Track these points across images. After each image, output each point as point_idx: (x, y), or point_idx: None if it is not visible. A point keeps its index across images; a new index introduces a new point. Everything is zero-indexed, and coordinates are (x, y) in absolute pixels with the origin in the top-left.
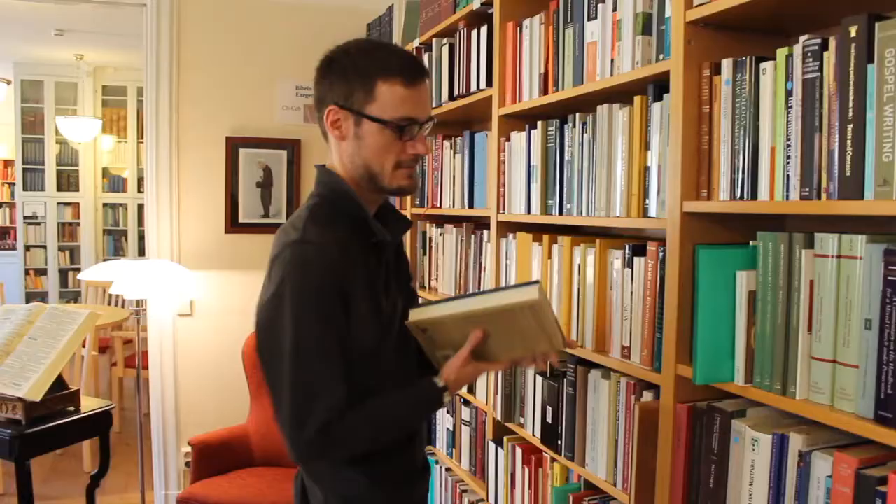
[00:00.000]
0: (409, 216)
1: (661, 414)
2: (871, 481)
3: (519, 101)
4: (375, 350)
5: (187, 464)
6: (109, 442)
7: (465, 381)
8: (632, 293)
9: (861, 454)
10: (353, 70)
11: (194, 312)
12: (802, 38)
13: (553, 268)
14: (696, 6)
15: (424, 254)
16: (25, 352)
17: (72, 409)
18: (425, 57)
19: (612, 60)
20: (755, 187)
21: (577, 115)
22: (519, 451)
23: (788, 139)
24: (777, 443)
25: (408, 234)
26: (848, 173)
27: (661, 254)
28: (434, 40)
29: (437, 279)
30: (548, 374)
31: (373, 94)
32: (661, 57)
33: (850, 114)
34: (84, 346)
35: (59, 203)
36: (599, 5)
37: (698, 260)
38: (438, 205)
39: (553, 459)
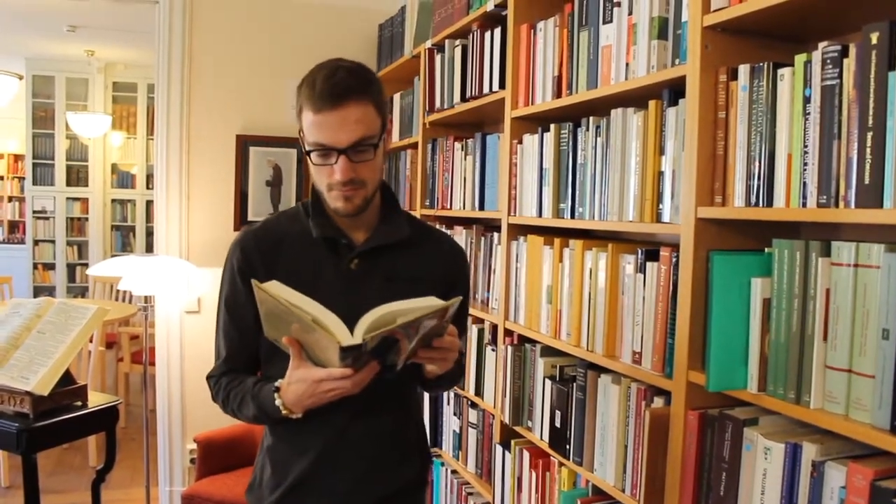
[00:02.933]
0: (419, 216)
1: (671, 420)
2: (887, 493)
3: (532, 104)
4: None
5: (192, 460)
6: (116, 437)
7: (299, 389)
8: (644, 298)
9: (876, 465)
10: (297, 98)
11: (202, 309)
12: (822, 45)
13: (564, 271)
14: (714, 11)
15: None
16: (34, 346)
17: (79, 403)
18: (437, 58)
19: (627, 64)
20: (771, 194)
21: (591, 118)
22: (526, 455)
23: (806, 146)
24: (790, 452)
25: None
26: (867, 181)
27: (674, 259)
28: (447, 41)
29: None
30: (557, 379)
31: (301, 122)
32: (676, 62)
33: (870, 121)
34: (91, 342)
35: (68, 198)
36: (615, 9)
37: (713, 266)
38: (449, 206)
39: (561, 464)
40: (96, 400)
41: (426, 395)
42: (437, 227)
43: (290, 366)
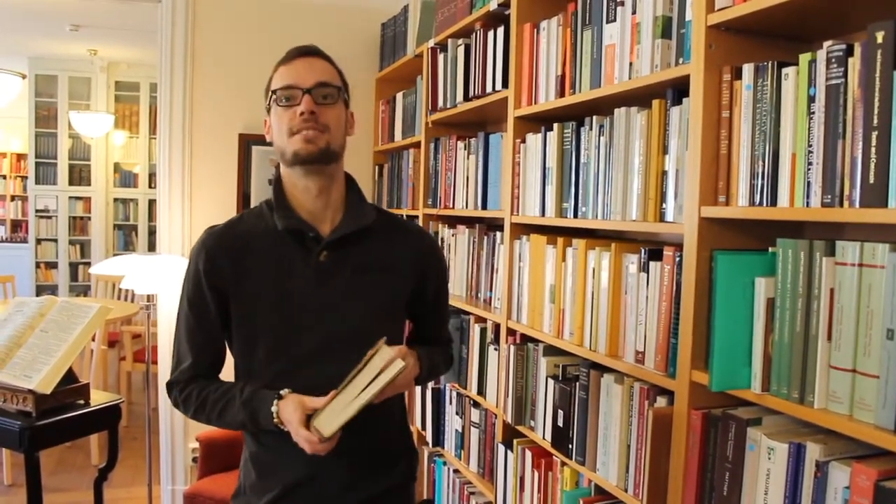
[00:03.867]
0: (420, 216)
1: (674, 420)
2: (891, 494)
3: (535, 103)
4: (252, 329)
5: (194, 459)
6: (118, 436)
7: (290, 414)
8: (647, 298)
9: (880, 466)
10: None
11: None
12: (826, 44)
13: (567, 271)
14: (718, 10)
15: None
16: (36, 344)
17: (81, 402)
18: (440, 57)
19: (631, 64)
20: (775, 193)
21: (595, 117)
22: (529, 454)
23: (810, 145)
24: (793, 452)
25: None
26: (872, 180)
27: (677, 258)
28: (450, 41)
29: (449, 281)
30: (559, 378)
31: (269, 86)
32: (680, 61)
33: (875, 120)
34: (94, 340)
35: (70, 197)
36: (618, 8)
37: (716, 265)
38: (451, 205)
39: (563, 463)
40: (99, 398)
41: (425, 392)
42: (440, 226)
43: (307, 397)
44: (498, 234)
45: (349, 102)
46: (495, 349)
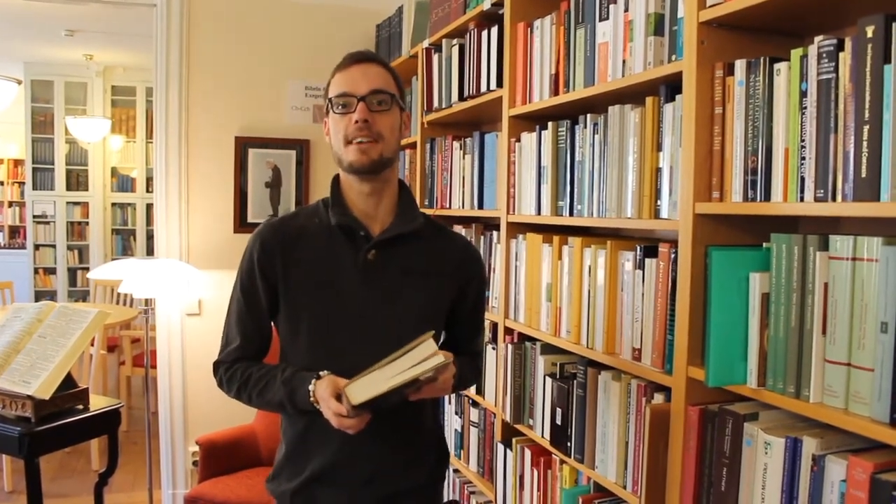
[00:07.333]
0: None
1: (672, 416)
2: (886, 486)
3: (529, 102)
4: (296, 318)
5: (195, 463)
6: (118, 440)
7: (323, 391)
8: (643, 295)
9: (876, 458)
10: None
11: (202, 312)
12: (818, 39)
13: (563, 269)
14: (710, 6)
15: None
16: (35, 350)
17: (81, 407)
18: (435, 58)
19: (624, 61)
20: (768, 189)
21: (589, 115)
22: (528, 453)
23: (803, 140)
24: (790, 446)
25: None
26: (864, 175)
27: (672, 255)
28: (444, 41)
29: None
30: (557, 376)
31: (328, 91)
32: (673, 58)
33: (867, 115)
34: (92, 345)
35: (68, 202)
36: (611, 6)
37: (711, 261)
38: (448, 206)
39: (562, 461)
40: (98, 403)
41: None
42: None
43: (336, 385)
44: (494, 233)
45: (404, 105)
46: (493, 348)
